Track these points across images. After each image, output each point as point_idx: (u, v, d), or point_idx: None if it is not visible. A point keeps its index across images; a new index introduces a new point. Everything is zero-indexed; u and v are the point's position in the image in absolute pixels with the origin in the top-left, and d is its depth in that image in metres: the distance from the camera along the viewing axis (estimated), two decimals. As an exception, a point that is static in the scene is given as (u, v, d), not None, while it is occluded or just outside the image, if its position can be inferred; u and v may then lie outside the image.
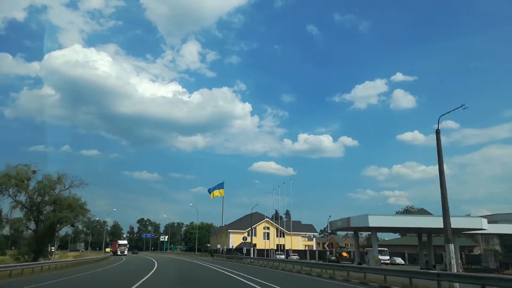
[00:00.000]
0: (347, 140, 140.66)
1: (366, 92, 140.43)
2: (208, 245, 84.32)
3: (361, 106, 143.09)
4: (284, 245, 73.82)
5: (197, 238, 74.60)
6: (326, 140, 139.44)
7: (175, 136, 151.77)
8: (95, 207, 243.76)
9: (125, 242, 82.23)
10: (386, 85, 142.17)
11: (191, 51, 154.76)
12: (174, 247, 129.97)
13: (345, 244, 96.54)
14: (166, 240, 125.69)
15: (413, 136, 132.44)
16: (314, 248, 77.56)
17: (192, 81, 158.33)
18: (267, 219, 75.66)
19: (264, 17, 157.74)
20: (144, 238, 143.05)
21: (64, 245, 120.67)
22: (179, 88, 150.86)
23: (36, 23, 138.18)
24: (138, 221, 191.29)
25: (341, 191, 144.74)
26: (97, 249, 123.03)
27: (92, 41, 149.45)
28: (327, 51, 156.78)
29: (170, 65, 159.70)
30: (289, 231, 72.73)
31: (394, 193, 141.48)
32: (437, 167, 16.24)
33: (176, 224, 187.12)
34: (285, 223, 74.41)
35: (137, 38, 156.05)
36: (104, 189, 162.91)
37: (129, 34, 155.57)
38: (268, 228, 75.71)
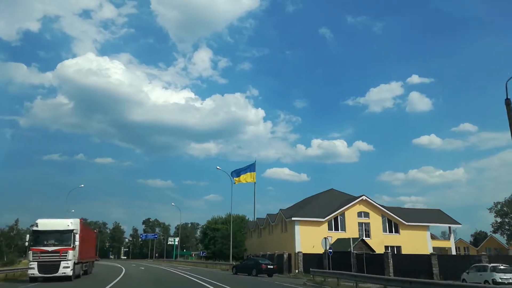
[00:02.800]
0: (362, 145, 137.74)
1: (381, 95, 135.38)
2: (245, 249, 48.85)
3: (376, 109, 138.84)
4: (400, 247, 39.10)
5: (232, 238, 39.66)
6: (340, 145, 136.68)
7: (188, 143, 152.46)
8: (110, 215, 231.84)
9: None
10: (402, 88, 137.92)
11: (203, 59, 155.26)
12: (187, 253, 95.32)
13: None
14: (176, 243, 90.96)
15: (429, 140, 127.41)
16: (454, 251, 42.33)
17: (204, 87, 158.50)
18: (364, 197, 40.37)
19: (275, 21, 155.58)
20: (144, 240, 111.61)
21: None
22: (191, 94, 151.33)
23: (50, 34, 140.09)
24: (144, 222, 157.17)
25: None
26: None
27: (105, 50, 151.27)
28: (340, 54, 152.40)
29: (182, 72, 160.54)
30: (407, 221, 38.31)
31: (411, 199, 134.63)
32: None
33: (190, 224, 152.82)
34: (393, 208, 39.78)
35: (150, 46, 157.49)
36: (119, 197, 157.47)
37: (142, 42, 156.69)
38: (367, 215, 40.25)
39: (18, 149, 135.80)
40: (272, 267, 30.04)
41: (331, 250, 26.25)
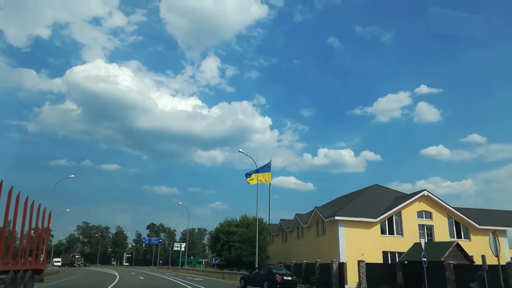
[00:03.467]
0: (369, 155, 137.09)
1: (389, 105, 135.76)
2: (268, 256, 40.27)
3: (383, 119, 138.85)
4: (472, 256, 29.97)
5: (258, 241, 31.05)
6: (347, 154, 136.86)
7: (194, 151, 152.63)
8: (115, 221, 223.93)
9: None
10: (410, 98, 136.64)
11: (211, 67, 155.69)
12: (195, 260, 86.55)
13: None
14: (182, 249, 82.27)
15: (437, 151, 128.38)
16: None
17: (212, 95, 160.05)
18: (426, 192, 31.67)
19: (284, 31, 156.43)
20: (148, 246, 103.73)
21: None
22: (198, 102, 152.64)
23: (60, 40, 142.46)
24: (148, 227, 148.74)
25: None
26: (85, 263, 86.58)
27: (114, 57, 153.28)
28: (348, 64, 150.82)
29: (190, 80, 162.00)
30: (479, 224, 29.70)
31: None
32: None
33: (196, 230, 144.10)
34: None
35: (158, 54, 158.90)
36: (124, 204, 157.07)
37: (151, 50, 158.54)
38: (429, 216, 31.53)
39: (26, 154, 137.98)
40: (290, 278, 22.23)
41: (425, 259, 17.60)
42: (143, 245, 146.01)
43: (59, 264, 73.04)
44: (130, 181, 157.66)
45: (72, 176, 52.19)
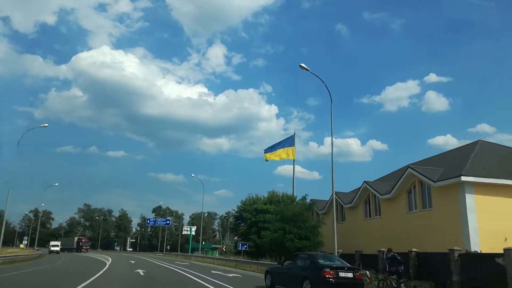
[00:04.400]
0: (376, 144, 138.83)
1: (397, 94, 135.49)
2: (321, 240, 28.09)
3: (391, 108, 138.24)
4: None
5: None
6: (354, 143, 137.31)
7: (199, 138, 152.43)
8: (120, 206, 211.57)
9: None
10: (418, 87, 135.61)
11: (217, 54, 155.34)
12: (207, 246, 75.64)
13: None
14: (192, 233, 71.19)
15: (445, 140, 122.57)
16: None
17: (218, 82, 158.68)
18: None
19: (291, 17, 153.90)
20: (153, 230, 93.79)
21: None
22: (204, 89, 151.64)
23: (66, 27, 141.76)
24: (154, 210, 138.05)
25: None
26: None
27: (120, 44, 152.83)
28: (356, 51, 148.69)
29: (196, 68, 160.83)
30: None
31: None
32: None
33: (206, 214, 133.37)
34: None
35: (164, 41, 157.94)
36: (130, 190, 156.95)
37: (156, 37, 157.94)
38: None
39: (32, 140, 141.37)
40: (350, 275, 12.29)
41: None
42: (148, 230, 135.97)
43: (57, 249, 63.16)
44: (136, 168, 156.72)
45: (46, 125, 40.97)
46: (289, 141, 43.21)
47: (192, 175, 72.70)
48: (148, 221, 63.61)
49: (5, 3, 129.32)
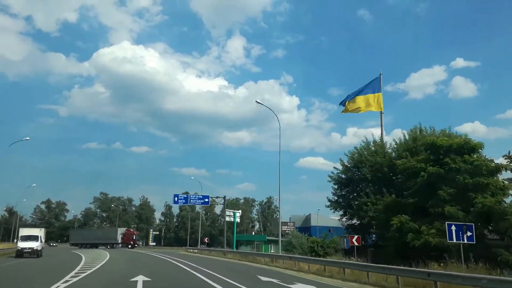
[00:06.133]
0: (401, 134, 71.22)
1: (423, 80, 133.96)
2: None
3: (416, 96, 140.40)
4: None
5: None
6: (377, 133, 71.21)
7: (221, 132, 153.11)
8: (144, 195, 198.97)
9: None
10: (445, 72, 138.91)
11: (236, 47, 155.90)
12: (259, 238, 54.33)
13: None
14: (237, 220, 49.72)
15: (473, 128, 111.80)
16: None
17: (238, 74, 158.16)
18: None
19: (311, 5, 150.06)
20: (180, 218, 73.57)
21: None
22: (224, 82, 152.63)
23: (87, 24, 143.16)
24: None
25: None
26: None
27: (141, 39, 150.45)
28: (379, 38, 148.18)
29: (215, 61, 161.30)
30: None
31: None
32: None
33: (242, 200, 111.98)
34: None
35: (184, 35, 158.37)
36: (154, 185, 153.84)
37: (176, 31, 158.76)
38: None
39: (58, 138, 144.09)
40: None
41: None
42: (174, 220, 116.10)
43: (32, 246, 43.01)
44: (159, 163, 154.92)
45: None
46: (372, 87, 33.27)
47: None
48: (177, 200, 41.93)
49: (27, 3, 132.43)
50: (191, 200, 43.63)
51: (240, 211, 55.97)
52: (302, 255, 28.12)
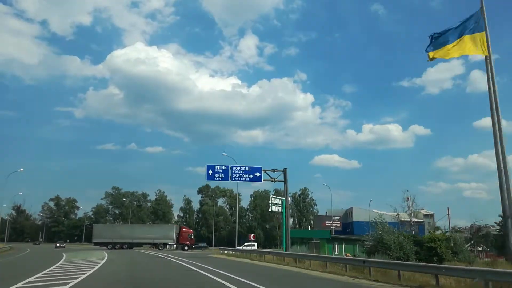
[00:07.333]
0: (418, 129, 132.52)
1: (440, 75, 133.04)
2: None
3: (433, 91, 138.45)
4: None
5: None
6: (394, 129, 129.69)
7: (234, 131, 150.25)
8: (160, 189, 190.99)
9: None
10: (462, 66, 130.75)
11: (249, 46, 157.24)
12: (322, 234, 40.39)
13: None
14: (286, 209, 35.44)
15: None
16: None
17: (251, 73, 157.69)
18: None
19: (324, 0, 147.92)
20: (201, 213, 59.69)
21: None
22: (237, 81, 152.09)
23: (101, 26, 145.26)
24: (200, 190, 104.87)
25: (411, 184, 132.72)
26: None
27: (154, 41, 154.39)
28: (394, 32, 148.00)
29: (228, 60, 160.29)
30: None
31: (471, 186, 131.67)
32: None
33: (273, 192, 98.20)
34: None
35: (196, 35, 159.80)
36: (170, 185, 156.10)
37: (189, 31, 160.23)
38: None
39: (75, 139, 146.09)
40: None
41: None
42: (194, 216, 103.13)
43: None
44: (173, 163, 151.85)
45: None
46: (471, 23, 20.90)
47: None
48: (211, 174, 26.42)
49: (42, 7, 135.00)
50: (234, 175, 27.78)
51: (290, 198, 42.38)
52: (404, 260, 20.40)
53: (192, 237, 57.78)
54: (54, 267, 17.22)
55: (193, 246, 57.05)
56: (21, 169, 54.23)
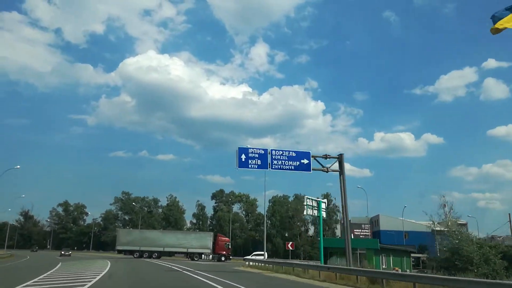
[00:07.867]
0: (431, 138, 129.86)
1: (453, 82, 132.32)
2: None
3: (447, 98, 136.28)
4: None
5: None
6: (406, 138, 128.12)
7: (245, 139, 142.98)
8: (172, 194, 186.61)
9: None
10: (476, 74, 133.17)
11: (259, 54, 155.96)
12: (370, 244, 34.20)
13: None
14: (322, 214, 29.50)
15: (507, 131, 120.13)
16: None
17: (262, 81, 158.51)
18: None
19: (335, 8, 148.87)
20: (216, 219, 54.64)
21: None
22: (248, 89, 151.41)
23: (114, 35, 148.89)
24: (214, 196, 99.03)
25: (423, 193, 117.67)
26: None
27: (166, 49, 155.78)
28: (406, 39, 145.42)
29: (239, 68, 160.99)
30: None
31: (485, 196, 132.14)
32: None
33: (293, 197, 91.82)
34: None
35: (208, 44, 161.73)
36: (181, 193, 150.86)
37: (200, 39, 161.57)
38: None
39: (86, 146, 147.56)
40: None
41: None
42: (208, 222, 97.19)
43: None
44: (184, 170, 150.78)
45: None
46: None
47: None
48: (245, 160, 20.37)
49: (56, 16, 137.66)
50: (274, 162, 21.83)
51: (325, 200, 36.21)
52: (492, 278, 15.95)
53: (229, 247, 51.92)
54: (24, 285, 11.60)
55: (230, 257, 50.93)
56: (17, 166, 53.20)
